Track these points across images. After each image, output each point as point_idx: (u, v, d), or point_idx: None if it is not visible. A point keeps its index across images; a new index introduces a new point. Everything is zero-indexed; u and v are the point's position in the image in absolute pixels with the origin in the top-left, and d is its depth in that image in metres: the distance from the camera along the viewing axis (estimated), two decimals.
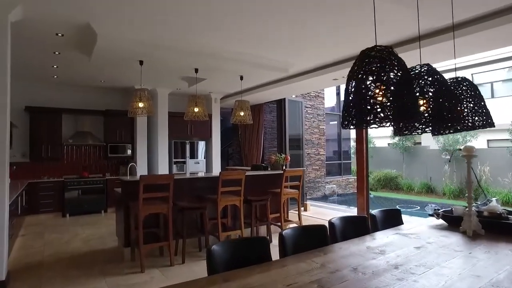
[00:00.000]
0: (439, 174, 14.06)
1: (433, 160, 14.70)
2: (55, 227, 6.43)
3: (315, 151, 13.04)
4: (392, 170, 16.04)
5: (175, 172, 8.34)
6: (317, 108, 13.23)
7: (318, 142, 13.15)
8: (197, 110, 5.50)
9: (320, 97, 13.37)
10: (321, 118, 13.35)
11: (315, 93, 13.09)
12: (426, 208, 11.59)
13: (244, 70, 5.95)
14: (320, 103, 13.37)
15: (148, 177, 3.99)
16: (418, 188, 14.64)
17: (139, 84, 7.63)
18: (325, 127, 13.57)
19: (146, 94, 4.97)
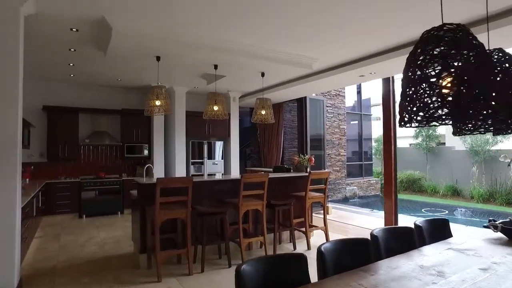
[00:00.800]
0: (466, 176, 13.40)
1: (459, 161, 14.04)
2: (71, 228, 6.28)
3: (336, 151, 12.61)
4: (415, 171, 15.43)
5: (193, 173, 8.11)
6: (338, 107, 12.80)
7: (338, 142, 12.73)
8: (217, 109, 5.22)
9: (341, 95, 12.93)
10: (342, 117, 12.91)
11: (336, 91, 12.67)
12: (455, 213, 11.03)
13: (266, 66, 5.64)
14: (341, 102, 12.94)
15: (166, 180, 3.73)
16: (443, 191, 14.00)
17: (156, 83, 7.43)
18: (345, 127, 13.13)
19: (163, 92, 4.72)
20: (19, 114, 3.41)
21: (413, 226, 2.60)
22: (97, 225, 6.55)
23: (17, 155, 3.34)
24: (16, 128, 3.36)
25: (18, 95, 3.40)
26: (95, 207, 7.28)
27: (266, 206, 4.55)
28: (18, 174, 3.36)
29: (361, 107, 14.34)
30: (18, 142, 3.36)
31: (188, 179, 3.83)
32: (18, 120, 3.39)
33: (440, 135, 15.97)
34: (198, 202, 4.38)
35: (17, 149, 3.34)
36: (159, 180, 3.65)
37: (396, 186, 6.28)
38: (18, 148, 3.35)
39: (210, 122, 8.39)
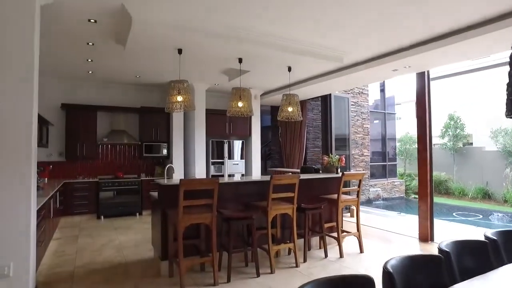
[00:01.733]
0: (498, 179, 12.68)
1: (490, 162, 13.31)
2: (89, 230, 6.06)
3: (359, 151, 12.12)
4: (441, 173, 14.74)
5: (213, 173, 7.81)
6: (361, 105, 12.30)
7: (362, 142, 12.22)
8: (242, 105, 4.88)
9: (364, 93, 12.42)
10: (365, 116, 12.40)
11: (359, 89, 12.18)
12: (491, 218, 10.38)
13: (293, 60, 5.27)
14: (364, 100, 12.43)
15: (190, 182, 3.41)
16: (473, 194, 13.30)
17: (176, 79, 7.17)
18: (369, 126, 12.61)
19: (185, 87, 4.41)
20: (34, 110, 3.14)
21: (485, 239, 2.19)
22: (115, 227, 6.31)
23: (32, 155, 3.08)
24: (31, 126, 3.09)
25: (33, 90, 3.13)
26: (113, 208, 7.07)
27: (296, 210, 4.19)
28: (33, 175, 3.09)
29: (384, 105, 13.78)
30: (33, 141, 3.10)
31: (214, 180, 3.50)
32: (33, 117, 3.12)
33: (468, 135, 15.22)
34: (222, 205, 4.05)
35: (31, 148, 3.08)
36: (183, 182, 3.33)
37: (432, 188, 5.81)
38: (32, 148, 3.09)
39: (231, 121, 8.08)
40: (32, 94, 3.12)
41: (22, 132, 3.05)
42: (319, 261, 4.38)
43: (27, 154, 3.05)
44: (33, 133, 3.11)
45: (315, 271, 4.00)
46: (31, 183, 3.07)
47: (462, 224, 7.03)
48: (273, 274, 3.90)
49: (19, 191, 3.01)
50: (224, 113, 7.99)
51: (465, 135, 15.02)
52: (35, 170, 3.21)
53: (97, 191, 6.97)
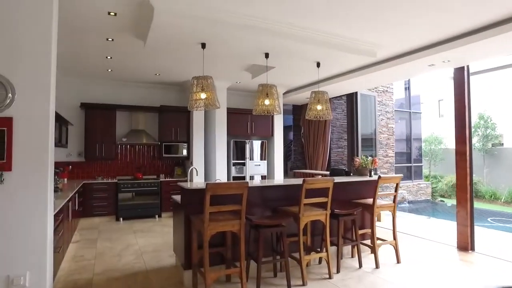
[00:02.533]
0: None
1: None
2: (108, 233, 5.87)
3: (383, 152, 11.63)
4: None
5: (234, 175, 7.53)
6: (386, 104, 11.81)
7: (386, 142, 11.74)
8: (268, 103, 4.57)
9: (389, 92, 11.93)
10: (390, 115, 11.90)
11: (383, 87, 11.70)
12: None
13: (323, 55, 4.93)
14: (389, 99, 11.94)
15: (217, 186, 3.11)
16: (506, 197, 12.59)
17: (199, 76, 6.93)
18: (394, 126, 12.10)
19: (209, 83, 4.12)
20: (50, 108, 2.91)
21: None
22: (135, 230, 6.10)
23: (48, 157, 2.85)
24: (47, 125, 2.86)
25: (50, 86, 2.90)
26: (132, 210, 6.88)
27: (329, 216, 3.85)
28: (49, 178, 2.86)
29: (410, 104, 13.22)
30: (49, 141, 2.87)
31: (243, 184, 3.20)
32: (50, 116, 2.89)
33: (500, 135, 14.47)
34: (248, 210, 3.75)
35: (48, 149, 2.85)
36: (209, 186, 3.04)
37: (472, 193, 5.36)
38: (49, 149, 2.86)
39: (252, 120, 7.79)
40: (48, 90, 2.89)
41: (37, 132, 2.82)
42: (353, 272, 4.02)
43: (43, 155, 2.82)
44: (50, 133, 2.88)
45: (352, 284, 3.65)
46: (47, 187, 2.84)
47: (501, 232, 6.50)
48: (305, 286, 3.57)
49: (34, 195, 2.79)
50: (245, 112, 7.76)
51: (496, 135, 14.28)
52: (52, 173, 2.98)
53: (116, 192, 6.79)
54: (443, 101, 18.96)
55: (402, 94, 13.51)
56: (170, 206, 7.15)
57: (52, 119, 2.97)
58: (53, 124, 3.00)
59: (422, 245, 5.25)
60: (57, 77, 6.60)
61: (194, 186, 3.53)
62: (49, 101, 2.88)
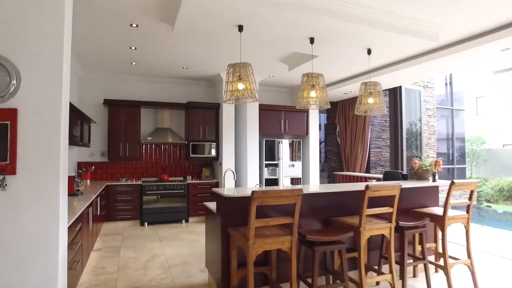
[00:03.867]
0: None
1: None
2: (132, 239, 5.39)
3: (424, 153, 10.70)
4: None
5: (266, 177, 6.92)
6: (427, 101, 10.85)
7: (427, 142, 10.78)
8: (315, 95, 3.92)
9: (429, 87, 10.96)
10: (431, 113, 10.94)
11: (424, 82, 10.75)
12: None
13: (374, 38, 4.23)
14: (430, 95, 10.96)
15: (266, 194, 2.49)
16: None
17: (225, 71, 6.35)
18: (435, 124, 11.14)
19: (248, 71, 3.52)
20: (63, 98, 2.39)
21: None
22: (160, 237, 5.59)
23: (60, 158, 2.32)
24: (59, 120, 2.34)
25: (63, 72, 2.37)
26: (158, 215, 6.39)
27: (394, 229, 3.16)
28: (61, 183, 2.33)
29: (452, 101, 12.19)
30: (61, 139, 2.34)
31: (296, 192, 2.57)
32: (62, 108, 2.36)
33: None
34: None
35: (59, 148, 2.32)
36: (257, 194, 2.43)
37: None
38: (61, 147, 2.33)
39: (286, 118, 7.16)
40: (60, 77, 2.35)
41: (47, 127, 2.29)
42: None
43: (53, 156, 2.30)
44: (62, 128, 2.35)
45: None
46: (59, 194, 2.31)
47: None
48: None
49: (43, 204, 2.26)
50: (279, 109, 7.14)
51: None
52: (65, 176, 2.46)
53: (141, 195, 6.32)
54: (482, 98, 17.68)
55: (442, 89, 12.49)
56: (198, 211, 6.62)
57: (65, 112, 2.45)
58: (66, 118, 2.48)
59: (491, 261, 4.45)
60: (80, 73, 6.24)
61: (234, 194, 2.92)
62: (61, 89, 2.35)
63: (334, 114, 8.93)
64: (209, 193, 6.71)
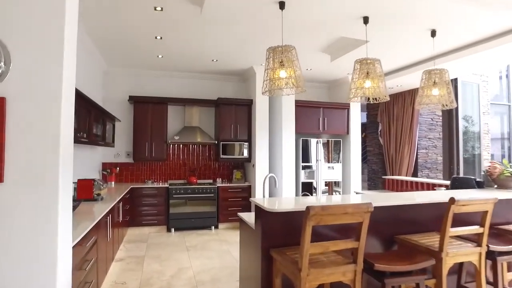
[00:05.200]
0: None
1: None
2: (157, 248, 4.91)
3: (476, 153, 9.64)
4: None
5: (303, 180, 6.26)
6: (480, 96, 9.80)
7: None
8: (370, 85, 3.23)
9: (483, 81, 9.89)
10: (485, 109, 9.85)
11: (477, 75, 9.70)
12: None
13: (443, 16, 3.48)
14: (483, 90, 9.89)
15: (325, 211, 1.86)
16: None
17: (258, 64, 5.79)
18: (488, 123, 10.03)
19: (291, 56, 2.90)
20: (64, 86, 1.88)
21: None
22: (188, 245, 5.08)
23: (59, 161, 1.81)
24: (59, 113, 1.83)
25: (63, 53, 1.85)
26: (185, 220, 5.89)
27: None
28: (61, 192, 1.82)
29: (509, 96, 10.98)
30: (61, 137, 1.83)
31: (363, 207, 1.92)
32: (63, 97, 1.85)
33: None
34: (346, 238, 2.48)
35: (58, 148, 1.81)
36: (313, 211, 1.81)
37: None
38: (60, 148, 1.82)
39: (324, 115, 6.48)
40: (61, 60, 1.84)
41: (44, 122, 1.79)
42: None
43: (51, 158, 1.79)
44: (62, 123, 1.84)
45: None
46: (58, 206, 1.79)
47: None
48: None
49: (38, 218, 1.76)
50: (317, 105, 6.47)
51: None
52: (68, 185, 1.95)
53: (167, 199, 5.85)
54: None
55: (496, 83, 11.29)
56: (228, 216, 6.08)
57: (68, 106, 1.94)
58: (69, 114, 1.97)
59: None
60: (104, 69, 5.83)
61: (280, 207, 2.30)
62: (61, 75, 1.84)
63: (376, 111, 8.13)
64: (240, 197, 6.15)
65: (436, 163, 8.15)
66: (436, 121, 8.13)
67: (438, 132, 8.11)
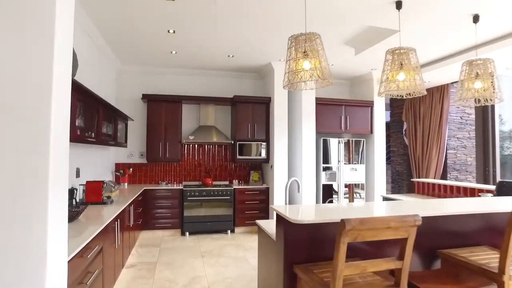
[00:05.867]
0: None
1: None
2: (170, 254, 4.66)
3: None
4: None
5: (324, 182, 5.91)
6: None
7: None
8: (403, 78, 2.87)
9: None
10: None
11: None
12: None
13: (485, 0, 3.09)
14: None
15: (366, 225, 1.52)
16: None
17: (276, 59, 5.48)
18: None
19: (315, 45, 2.58)
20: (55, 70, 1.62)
21: None
22: (202, 251, 4.81)
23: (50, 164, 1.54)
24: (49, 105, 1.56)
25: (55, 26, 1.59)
26: (200, 224, 5.63)
27: None
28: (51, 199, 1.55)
29: None
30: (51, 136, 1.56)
31: (409, 221, 1.58)
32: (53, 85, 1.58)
33: None
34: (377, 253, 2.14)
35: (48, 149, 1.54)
36: (350, 225, 1.48)
37: None
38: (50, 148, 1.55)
39: (347, 114, 6.11)
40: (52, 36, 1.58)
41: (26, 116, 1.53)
42: None
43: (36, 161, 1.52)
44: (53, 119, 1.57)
45: None
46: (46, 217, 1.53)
47: None
48: None
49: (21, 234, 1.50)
50: (338, 103, 6.08)
51: None
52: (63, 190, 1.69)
53: (181, 201, 5.60)
54: None
55: None
56: (245, 220, 5.79)
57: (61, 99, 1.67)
58: (63, 108, 1.71)
59: None
60: (118, 67, 5.66)
61: (307, 218, 1.98)
62: (53, 57, 1.57)
63: (400, 110, 7.68)
64: (258, 200, 5.85)
65: (466, 164, 7.64)
66: (466, 120, 7.61)
67: (468, 131, 7.59)
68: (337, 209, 2.47)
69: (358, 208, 2.49)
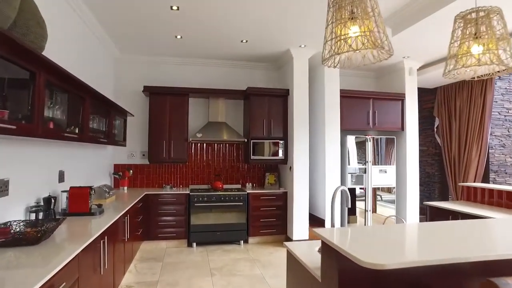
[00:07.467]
0: None
1: None
2: (174, 269, 3.98)
3: None
4: None
5: (349, 186, 5.17)
6: None
7: None
8: (480, 51, 2.12)
9: None
10: None
11: None
12: None
13: None
14: None
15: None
16: None
17: (296, 46, 4.77)
18: None
19: (365, 3, 1.86)
20: None
21: None
22: (212, 267, 4.11)
23: None
24: None
25: None
26: (209, 233, 4.94)
27: None
28: None
29: None
30: None
31: None
32: None
33: None
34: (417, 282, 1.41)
35: None
36: None
37: None
38: None
39: (375, 108, 5.37)
40: None
41: None
42: None
43: None
44: None
45: None
46: None
47: None
48: None
49: None
50: (365, 96, 5.32)
51: None
52: None
53: (188, 207, 4.92)
54: None
55: None
56: (260, 229, 5.09)
57: None
58: None
59: None
60: (115, 55, 4.93)
61: (401, 261, 1.25)
62: None
63: (431, 104, 6.89)
64: (274, 206, 5.14)
65: (505, 165, 6.81)
66: (505, 116, 6.78)
67: (508, 129, 6.77)
68: (424, 238, 1.73)
69: (454, 237, 1.75)
